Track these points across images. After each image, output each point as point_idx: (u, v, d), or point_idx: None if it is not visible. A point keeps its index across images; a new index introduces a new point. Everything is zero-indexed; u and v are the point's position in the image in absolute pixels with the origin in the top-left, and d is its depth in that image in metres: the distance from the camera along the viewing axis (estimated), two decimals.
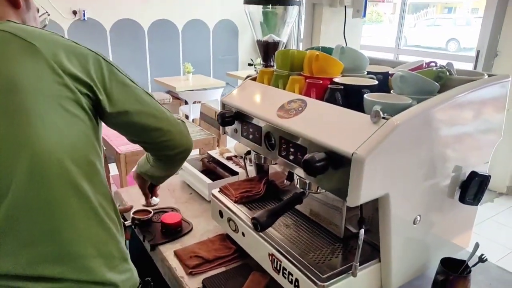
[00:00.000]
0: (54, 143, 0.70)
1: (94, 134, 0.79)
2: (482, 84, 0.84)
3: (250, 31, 5.80)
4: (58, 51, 0.73)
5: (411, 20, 10.77)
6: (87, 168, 0.75)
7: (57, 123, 0.71)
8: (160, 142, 0.89)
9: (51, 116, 0.70)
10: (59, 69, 0.71)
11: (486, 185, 0.91)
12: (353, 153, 0.70)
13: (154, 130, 0.86)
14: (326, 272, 0.81)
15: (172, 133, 0.89)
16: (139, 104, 0.83)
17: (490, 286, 0.99)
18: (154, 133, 0.86)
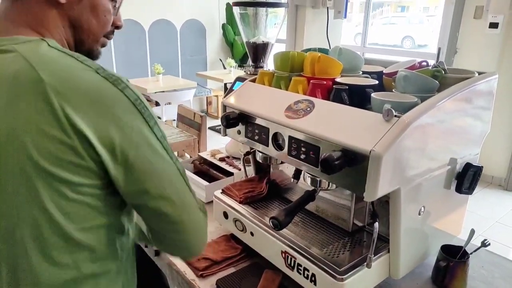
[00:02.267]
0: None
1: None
2: (476, 81, 0.90)
3: (218, 31, 5.81)
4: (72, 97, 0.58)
5: (369, 18, 11.16)
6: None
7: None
8: (169, 237, 0.71)
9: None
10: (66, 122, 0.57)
11: (479, 176, 0.98)
12: (371, 150, 0.73)
13: (169, 223, 0.67)
14: (342, 266, 0.85)
15: (188, 233, 0.70)
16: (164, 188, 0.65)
17: (483, 268, 1.06)
18: (167, 226, 0.68)
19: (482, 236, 2.53)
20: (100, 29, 0.71)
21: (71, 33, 0.68)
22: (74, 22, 0.67)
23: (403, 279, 0.95)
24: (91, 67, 0.61)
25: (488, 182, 3.74)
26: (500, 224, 3.08)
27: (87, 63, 0.61)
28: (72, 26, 0.68)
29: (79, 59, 0.61)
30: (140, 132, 0.62)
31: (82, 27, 0.68)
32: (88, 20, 0.68)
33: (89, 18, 0.68)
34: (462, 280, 0.97)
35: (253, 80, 1.14)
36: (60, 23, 0.66)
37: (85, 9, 0.67)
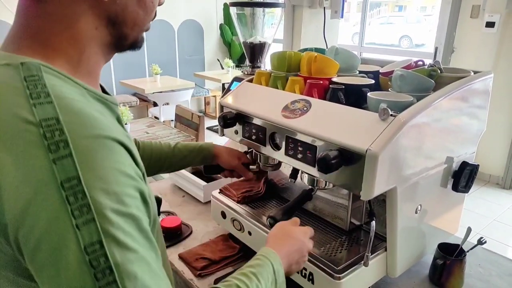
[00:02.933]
0: None
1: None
2: (471, 80, 0.91)
3: (215, 31, 5.82)
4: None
5: (366, 18, 11.18)
6: None
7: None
8: None
9: None
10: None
11: (476, 174, 0.99)
12: (367, 149, 0.74)
13: None
14: (340, 264, 0.85)
15: None
16: None
17: (480, 266, 1.07)
18: None
19: (479, 235, 2.54)
20: (147, 18, 0.60)
21: (109, 33, 0.57)
22: (115, 19, 0.56)
23: (400, 277, 0.96)
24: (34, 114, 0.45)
25: (486, 181, 3.76)
26: (497, 223, 3.09)
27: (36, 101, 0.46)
28: (111, 23, 0.56)
29: (32, 98, 0.46)
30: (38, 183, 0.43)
31: (126, 22, 0.57)
32: (134, 12, 0.57)
33: (134, 9, 0.57)
34: (459, 278, 0.97)
35: (250, 80, 1.15)
36: (94, 26, 0.55)
37: (130, 1, 0.56)
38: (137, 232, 0.46)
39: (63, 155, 0.43)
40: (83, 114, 0.47)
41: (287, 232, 0.78)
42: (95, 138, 0.46)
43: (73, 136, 0.44)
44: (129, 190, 0.46)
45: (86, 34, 0.54)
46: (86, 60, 0.55)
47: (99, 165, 0.44)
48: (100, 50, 0.57)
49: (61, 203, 0.42)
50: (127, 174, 0.47)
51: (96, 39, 0.56)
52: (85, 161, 0.44)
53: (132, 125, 2.78)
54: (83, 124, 0.46)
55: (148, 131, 2.74)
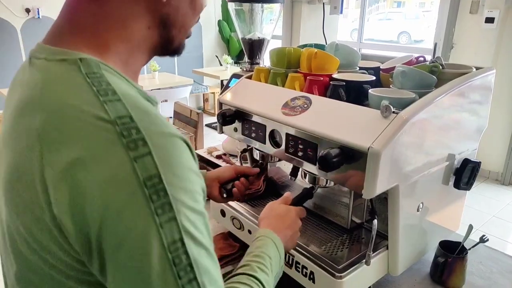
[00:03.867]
0: None
1: None
2: (473, 77, 0.90)
3: (213, 27, 5.78)
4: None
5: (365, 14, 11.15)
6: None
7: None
8: None
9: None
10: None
11: (478, 171, 0.98)
12: (369, 147, 0.72)
13: None
14: (341, 263, 0.84)
15: None
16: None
17: (481, 263, 1.06)
18: None
19: (479, 231, 2.55)
20: (194, 20, 0.60)
21: (158, 34, 0.55)
22: (167, 20, 0.55)
23: (402, 275, 0.95)
24: (109, 115, 0.44)
25: (485, 177, 3.76)
26: (497, 219, 3.09)
27: (108, 105, 0.44)
28: (162, 25, 0.55)
29: (101, 95, 0.45)
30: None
31: (176, 23, 0.56)
32: (185, 13, 0.56)
33: (186, 10, 0.56)
34: (460, 276, 0.97)
35: (249, 76, 1.13)
36: (147, 26, 0.54)
37: (182, 2, 0.55)
38: (205, 228, 0.47)
39: (143, 153, 0.42)
40: (150, 112, 0.46)
41: (276, 212, 0.80)
42: (169, 136, 0.45)
43: (149, 134, 0.44)
44: (198, 187, 0.47)
45: (139, 34, 0.53)
46: (134, 60, 0.55)
47: (176, 163, 0.44)
48: (147, 51, 0.57)
49: (145, 201, 0.41)
50: (196, 172, 0.48)
51: (146, 39, 0.55)
52: (163, 159, 0.43)
53: None
54: (154, 123, 0.45)
55: None
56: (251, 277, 0.61)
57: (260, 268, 0.63)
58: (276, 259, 0.68)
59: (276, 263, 0.68)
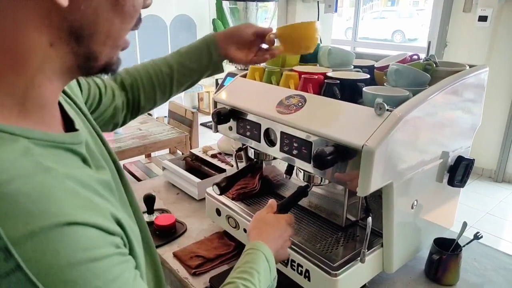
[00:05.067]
0: None
1: None
2: (467, 75, 0.90)
3: (208, 26, 5.76)
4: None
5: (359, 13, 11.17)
6: None
7: None
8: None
9: None
10: None
11: (471, 168, 0.98)
12: (363, 145, 0.73)
13: None
14: (336, 261, 0.84)
15: None
16: None
17: (475, 260, 1.07)
18: None
19: (473, 228, 2.56)
20: (124, 27, 0.45)
21: (70, 51, 0.41)
22: (79, 31, 0.40)
23: (397, 273, 0.95)
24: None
25: (479, 174, 3.78)
26: (490, 216, 3.11)
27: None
28: (74, 38, 0.41)
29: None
30: None
31: (96, 35, 0.42)
32: (107, 21, 0.42)
33: (108, 17, 0.42)
34: (455, 273, 0.97)
35: (244, 75, 1.13)
36: (48, 42, 0.39)
37: (101, 6, 0.41)
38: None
39: (8, 271, 0.31)
40: (23, 196, 0.33)
41: (265, 222, 0.79)
42: (48, 230, 0.33)
43: (14, 240, 0.31)
44: (114, 271, 0.37)
45: (37, 55, 0.39)
46: (36, 90, 0.41)
47: (65, 266, 0.33)
48: (58, 76, 0.42)
49: None
50: (105, 256, 0.37)
51: (51, 60, 0.40)
52: (42, 268, 0.32)
53: None
54: (26, 214, 0.32)
55: (141, 127, 2.71)
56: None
57: (245, 286, 0.61)
58: (266, 272, 0.66)
59: (266, 277, 0.66)
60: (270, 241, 0.73)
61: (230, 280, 0.62)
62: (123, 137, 2.53)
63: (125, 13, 0.44)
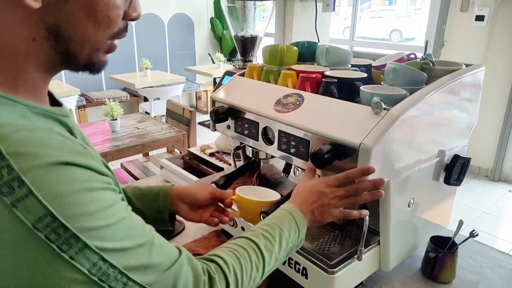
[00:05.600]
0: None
1: None
2: (463, 74, 0.91)
3: (206, 25, 5.76)
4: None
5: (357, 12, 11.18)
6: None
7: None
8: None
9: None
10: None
11: (467, 167, 0.99)
12: (360, 143, 0.73)
13: None
14: (333, 259, 0.85)
15: None
16: None
17: (471, 258, 1.08)
18: None
19: (469, 227, 2.58)
20: (101, 34, 0.50)
21: (51, 47, 0.48)
22: (57, 32, 0.47)
23: (393, 270, 0.96)
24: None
25: (475, 173, 3.80)
26: (487, 215, 3.13)
27: None
28: (53, 36, 0.47)
29: None
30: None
31: (72, 37, 0.48)
32: (81, 26, 0.48)
33: (82, 23, 0.47)
34: (451, 271, 0.98)
35: (242, 74, 1.13)
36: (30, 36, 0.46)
37: (74, 12, 0.46)
38: (129, 230, 0.46)
39: (22, 195, 0.38)
40: (28, 141, 0.40)
41: (300, 188, 0.78)
42: (51, 165, 0.40)
43: (25, 171, 0.39)
44: (107, 201, 0.44)
45: (23, 46, 0.46)
46: (26, 75, 0.48)
47: (66, 192, 0.40)
48: (43, 65, 0.49)
49: (43, 245, 0.39)
50: (98, 188, 0.44)
51: (35, 52, 0.47)
52: (50, 194, 0.39)
53: (123, 120, 2.75)
54: (32, 154, 0.40)
55: (139, 126, 2.71)
56: (250, 242, 0.63)
57: (263, 236, 0.64)
58: (291, 231, 0.68)
59: (291, 235, 0.68)
60: (302, 206, 0.73)
61: (252, 229, 0.67)
62: (121, 136, 2.53)
63: (99, 21, 0.49)
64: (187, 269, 0.51)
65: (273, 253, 0.64)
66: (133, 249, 0.45)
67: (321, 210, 0.74)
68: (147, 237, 0.48)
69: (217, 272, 0.56)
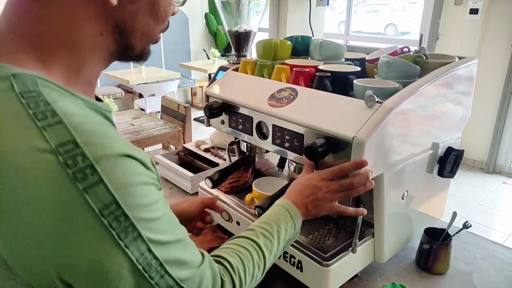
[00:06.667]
0: None
1: None
2: (456, 66, 0.91)
3: (200, 21, 5.73)
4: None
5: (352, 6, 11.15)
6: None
7: None
8: None
9: None
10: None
11: (461, 159, 1.00)
12: (353, 137, 0.73)
13: None
14: (328, 252, 0.86)
15: None
16: None
17: (465, 249, 1.09)
18: None
19: (464, 218, 2.60)
20: (157, 29, 0.56)
21: (114, 41, 0.51)
22: (123, 27, 0.51)
23: (388, 262, 0.97)
24: (49, 141, 0.40)
25: (470, 166, 3.82)
26: (481, 206, 3.16)
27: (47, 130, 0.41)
28: (118, 31, 0.51)
29: (38, 120, 0.41)
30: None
31: (134, 31, 0.52)
32: (144, 21, 0.53)
33: (145, 18, 0.53)
34: (445, 262, 0.99)
35: (235, 69, 1.13)
36: (99, 31, 0.49)
37: (141, 9, 0.51)
38: (168, 224, 0.48)
39: (94, 182, 0.40)
40: (97, 131, 0.43)
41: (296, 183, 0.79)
42: (118, 156, 0.43)
43: (97, 159, 0.41)
44: (155, 196, 0.47)
45: (90, 41, 0.49)
46: (86, 69, 0.51)
47: (130, 183, 0.43)
48: (102, 59, 0.53)
49: (105, 231, 0.41)
50: (148, 183, 0.46)
51: (99, 46, 0.51)
52: (116, 183, 0.42)
53: (118, 117, 2.74)
54: (101, 144, 0.43)
55: (134, 123, 2.71)
56: (252, 241, 0.65)
57: (263, 234, 0.66)
58: (287, 226, 0.70)
59: (288, 230, 0.70)
60: (297, 201, 0.74)
61: (250, 227, 0.68)
62: None
63: (159, 17, 0.54)
64: (209, 271, 0.53)
65: (273, 250, 0.67)
66: (173, 244, 0.48)
67: (315, 204, 0.75)
68: (182, 234, 0.51)
69: (226, 275, 0.58)
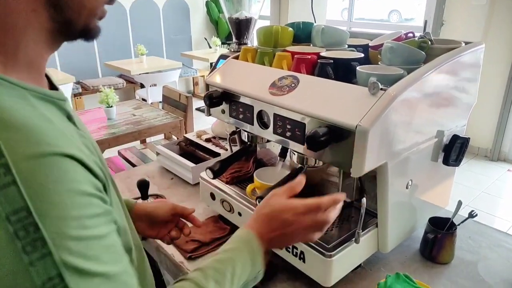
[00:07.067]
0: None
1: None
2: (462, 52, 0.89)
3: (201, 9, 5.67)
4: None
5: None
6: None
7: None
8: None
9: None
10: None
11: (466, 147, 0.98)
12: (357, 125, 0.71)
13: None
14: (331, 242, 0.84)
15: None
16: None
17: (470, 238, 1.08)
18: None
19: (468, 207, 2.58)
20: (99, 0, 0.51)
21: (49, 17, 0.47)
22: (56, 1, 0.47)
23: (392, 252, 0.96)
24: None
25: (474, 153, 3.80)
26: (486, 194, 3.14)
27: None
28: (52, 6, 0.46)
29: None
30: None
31: (70, 5, 0.47)
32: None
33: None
34: (449, 251, 0.98)
35: (236, 57, 1.11)
36: (30, 7, 0.45)
37: None
38: (103, 251, 0.42)
39: (5, 184, 0.36)
40: (23, 127, 0.39)
41: (270, 209, 0.68)
42: (42, 157, 0.38)
43: (14, 158, 0.37)
44: (90, 209, 0.41)
45: (22, 19, 0.45)
46: (24, 50, 0.46)
47: (51, 189, 0.38)
48: (42, 38, 0.48)
49: (9, 239, 0.36)
50: (85, 193, 0.41)
51: (34, 25, 0.46)
52: (33, 187, 0.37)
53: (119, 107, 2.72)
54: (25, 141, 0.38)
55: (135, 113, 2.69)
56: (198, 287, 0.56)
57: (213, 278, 0.57)
58: (245, 265, 0.61)
59: (245, 270, 0.61)
60: (263, 233, 0.65)
61: (202, 267, 0.60)
62: (117, 123, 2.51)
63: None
64: None
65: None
66: (97, 278, 0.40)
67: (281, 240, 0.67)
68: (118, 269, 0.43)
69: None
